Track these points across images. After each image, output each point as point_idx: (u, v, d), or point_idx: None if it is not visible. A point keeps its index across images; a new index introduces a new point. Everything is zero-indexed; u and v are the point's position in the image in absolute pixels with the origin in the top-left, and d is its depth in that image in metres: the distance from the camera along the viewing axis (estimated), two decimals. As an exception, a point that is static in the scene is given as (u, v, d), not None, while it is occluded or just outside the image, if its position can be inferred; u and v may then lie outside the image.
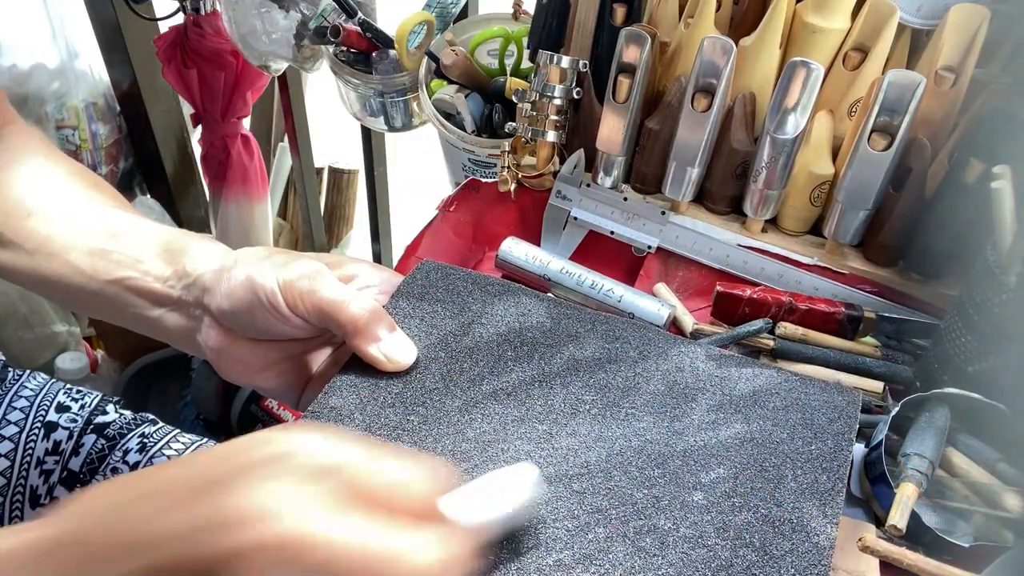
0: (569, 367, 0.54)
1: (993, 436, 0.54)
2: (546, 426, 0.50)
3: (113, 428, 0.65)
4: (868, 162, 0.61)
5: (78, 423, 0.64)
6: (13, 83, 1.27)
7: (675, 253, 0.72)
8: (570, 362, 0.54)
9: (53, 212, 0.53)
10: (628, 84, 0.67)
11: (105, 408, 0.67)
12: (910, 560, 0.45)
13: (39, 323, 1.33)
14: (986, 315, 0.54)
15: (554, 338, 0.56)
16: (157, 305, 0.52)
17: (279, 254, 0.50)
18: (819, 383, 0.53)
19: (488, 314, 0.57)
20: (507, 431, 0.49)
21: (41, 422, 0.63)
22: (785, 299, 0.63)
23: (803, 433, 0.49)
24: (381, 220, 1.49)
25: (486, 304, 0.58)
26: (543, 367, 0.54)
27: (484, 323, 0.56)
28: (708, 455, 0.48)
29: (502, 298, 0.58)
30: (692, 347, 0.56)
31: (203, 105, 1.32)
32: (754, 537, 0.43)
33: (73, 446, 0.63)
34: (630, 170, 0.74)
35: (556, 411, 0.50)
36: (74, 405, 0.66)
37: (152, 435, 0.66)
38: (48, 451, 0.63)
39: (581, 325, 0.57)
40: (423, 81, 0.92)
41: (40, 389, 0.66)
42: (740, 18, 0.70)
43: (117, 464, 0.63)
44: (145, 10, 1.27)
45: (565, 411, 0.51)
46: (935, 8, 0.62)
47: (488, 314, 0.57)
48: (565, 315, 0.58)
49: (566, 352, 0.54)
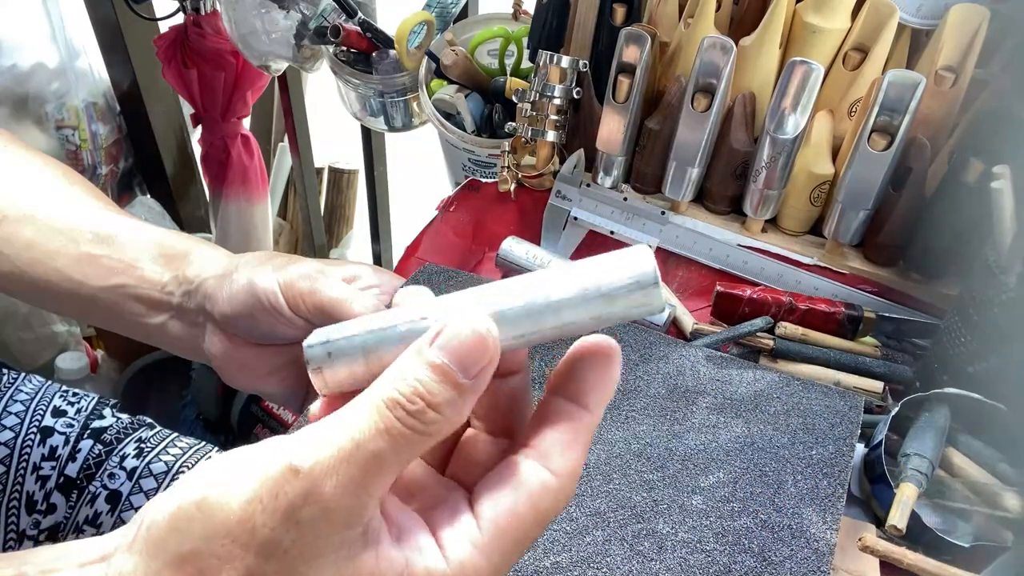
0: None
1: (993, 436, 0.54)
2: None
3: (110, 433, 0.65)
4: (868, 162, 0.61)
5: (75, 428, 0.64)
6: (13, 83, 1.27)
7: (675, 253, 0.72)
8: None
9: (33, 215, 0.51)
10: (628, 84, 0.67)
11: (102, 412, 0.66)
12: (910, 560, 0.45)
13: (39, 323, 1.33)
14: (986, 315, 0.53)
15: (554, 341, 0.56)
16: (156, 311, 0.52)
17: (280, 257, 0.50)
18: (821, 388, 0.53)
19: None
20: None
21: (37, 427, 0.63)
22: (785, 299, 0.63)
23: (804, 438, 0.49)
24: (381, 220, 1.49)
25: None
26: (543, 369, 0.54)
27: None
28: (708, 459, 0.48)
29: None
30: (693, 350, 0.56)
31: (203, 105, 1.32)
32: (753, 542, 0.43)
33: (70, 452, 0.63)
34: (630, 170, 0.74)
35: None
36: (70, 409, 0.65)
37: (149, 440, 0.65)
38: (44, 456, 0.62)
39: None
40: (423, 81, 0.92)
41: (36, 393, 0.65)
42: (740, 18, 0.70)
43: (114, 470, 0.63)
44: (145, 10, 1.27)
45: None
46: (935, 8, 0.62)
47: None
48: None
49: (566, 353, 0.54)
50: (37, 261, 0.50)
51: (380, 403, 0.25)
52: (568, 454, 0.27)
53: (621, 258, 0.27)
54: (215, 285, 0.49)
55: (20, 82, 1.28)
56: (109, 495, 0.62)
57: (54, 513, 0.62)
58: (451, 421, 0.26)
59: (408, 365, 0.26)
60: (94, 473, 0.63)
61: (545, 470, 0.27)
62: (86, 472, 0.63)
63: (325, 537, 0.25)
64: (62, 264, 0.50)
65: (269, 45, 1.03)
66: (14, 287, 0.52)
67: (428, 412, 0.25)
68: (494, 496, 0.27)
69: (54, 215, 0.52)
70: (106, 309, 0.51)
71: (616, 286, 0.27)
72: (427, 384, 0.25)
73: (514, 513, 0.26)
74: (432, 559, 0.26)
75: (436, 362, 0.25)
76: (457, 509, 0.27)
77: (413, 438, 0.25)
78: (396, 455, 0.25)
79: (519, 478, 0.27)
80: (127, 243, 0.52)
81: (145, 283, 0.51)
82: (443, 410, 0.25)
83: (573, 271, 0.27)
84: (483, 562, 0.26)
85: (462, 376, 0.25)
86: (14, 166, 0.54)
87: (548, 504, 0.27)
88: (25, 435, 0.62)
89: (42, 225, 0.51)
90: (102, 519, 0.61)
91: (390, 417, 0.25)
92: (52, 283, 0.51)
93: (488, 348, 0.26)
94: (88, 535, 0.61)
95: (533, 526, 0.27)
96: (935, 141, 0.62)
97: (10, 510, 0.61)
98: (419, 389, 0.25)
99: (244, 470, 0.25)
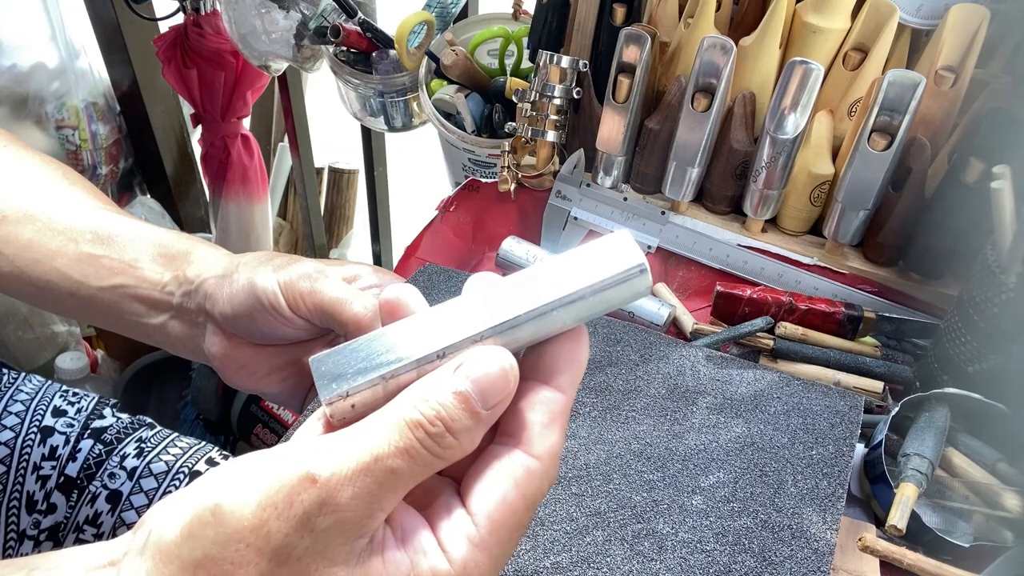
0: None
1: (993, 436, 0.54)
2: None
3: (110, 433, 0.65)
4: (868, 162, 0.61)
5: (75, 427, 0.64)
6: (13, 83, 1.27)
7: (675, 253, 0.72)
8: None
9: (32, 215, 0.51)
10: (628, 84, 0.67)
11: (102, 412, 0.66)
12: (910, 560, 0.45)
13: (39, 323, 1.33)
14: (986, 315, 0.53)
15: None
16: (156, 312, 0.51)
17: (280, 257, 0.50)
18: (821, 388, 0.53)
19: None
20: None
21: (37, 427, 0.63)
22: (785, 299, 0.63)
23: (804, 438, 0.49)
24: (381, 220, 1.49)
25: None
26: None
27: None
28: (708, 459, 0.48)
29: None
30: (693, 350, 0.56)
31: (203, 105, 1.32)
32: (753, 542, 0.43)
33: (70, 452, 0.63)
34: (630, 170, 0.74)
35: None
36: (70, 409, 0.65)
37: (150, 439, 0.65)
38: (45, 456, 0.62)
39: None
40: (423, 81, 0.92)
41: (36, 393, 0.65)
42: (740, 18, 0.70)
43: (115, 470, 0.63)
44: (145, 10, 1.27)
45: None
46: (935, 8, 0.62)
47: None
48: None
49: None
50: (36, 261, 0.50)
51: (402, 422, 0.26)
52: (547, 436, 0.28)
53: (609, 251, 0.28)
54: (215, 285, 0.49)
55: (20, 82, 1.28)
56: (109, 495, 0.62)
57: (54, 513, 0.62)
58: (463, 448, 0.27)
59: (432, 390, 0.27)
60: (94, 473, 0.63)
61: (527, 456, 0.28)
62: (86, 472, 0.63)
63: (336, 546, 0.25)
64: (61, 264, 0.50)
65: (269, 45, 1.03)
66: (14, 287, 0.52)
67: (447, 436, 0.26)
68: (483, 488, 0.28)
69: (54, 215, 0.52)
70: (106, 309, 0.51)
71: (610, 283, 0.28)
72: (450, 410, 0.27)
73: (504, 503, 0.27)
74: (436, 559, 0.27)
75: (461, 390, 0.27)
76: (451, 505, 0.28)
77: (428, 459, 0.26)
78: (411, 473, 0.26)
79: (504, 467, 0.28)
80: (127, 243, 0.52)
81: (145, 283, 0.51)
82: (460, 436, 0.27)
83: (566, 272, 0.29)
84: (483, 557, 0.27)
85: (481, 406, 0.27)
86: (14, 166, 0.54)
87: (534, 489, 0.28)
88: (25, 435, 0.62)
89: (42, 225, 0.51)
90: (102, 519, 0.61)
91: (410, 437, 0.26)
92: (52, 283, 0.50)
93: (509, 383, 0.27)
94: (88, 535, 0.61)
95: (524, 512, 0.28)
96: (935, 141, 0.62)
97: (10, 510, 0.61)
98: (442, 413, 0.26)
99: (258, 476, 0.26)
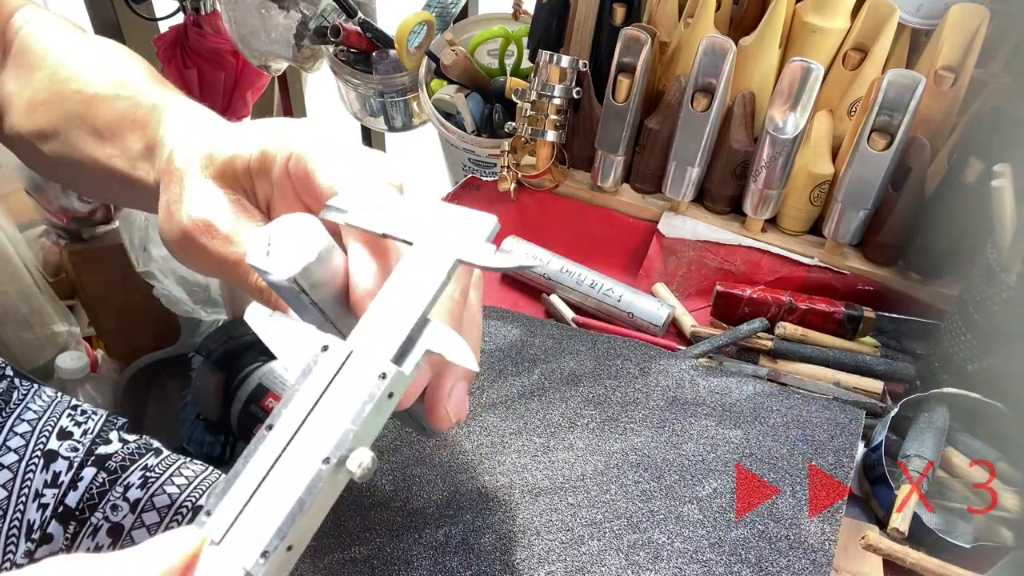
0: (569, 382, 0.53)
1: (993, 436, 0.54)
2: (543, 439, 0.50)
3: (115, 460, 0.63)
4: (868, 162, 0.61)
5: (79, 452, 0.62)
6: (13, 83, 1.27)
7: (675, 253, 0.72)
8: (570, 377, 0.54)
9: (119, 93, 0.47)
10: (628, 84, 0.67)
11: (108, 436, 0.65)
12: (913, 559, 0.45)
13: (39, 323, 1.33)
14: (986, 314, 0.53)
15: (555, 354, 0.55)
16: None
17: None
18: (821, 401, 0.53)
19: (490, 330, 0.57)
20: (504, 443, 0.49)
21: (41, 451, 0.61)
22: (785, 299, 0.63)
23: (803, 449, 0.49)
24: (381, 220, 1.49)
25: (488, 320, 0.58)
26: (543, 382, 0.53)
27: (485, 338, 0.55)
28: (705, 469, 0.48)
29: (504, 319, 0.58)
30: (692, 362, 0.56)
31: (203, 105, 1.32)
32: (750, 552, 0.43)
33: (72, 479, 0.61)
34: (630, 170, 0.74)
35: (554, 425, 0.50)
36: (76, 431, 0.63)
37: (155, 468, 0.64)
38: (47, 483, 0.60)
39: (582, 343, 0.57)
40: (423, 81, 0.92)
41: (44, 411, 0.64)
42: (740, 18, 0.70)
43: (118, 501, 0.61)
44: (145, 10, 1.27)
45: (563, 425, 0.51)
46: (935, 8, 0.62)
47: (490, 330, 0.57)
48: (567, 334, 0.58)
49: (567, 368, 0.54)
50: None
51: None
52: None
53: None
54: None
55: (20, 82, 1.27)
56: (111, 528, 0.60)
57: (49, 543, 0.60)
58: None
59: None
60: (97, 504, 0.61)
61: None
62: (89, 502, 0.61)
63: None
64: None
65: (269, 45, 1.03)
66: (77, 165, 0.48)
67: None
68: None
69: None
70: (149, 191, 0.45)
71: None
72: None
73: None
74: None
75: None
76: None
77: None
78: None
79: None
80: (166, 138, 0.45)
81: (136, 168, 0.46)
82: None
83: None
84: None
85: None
86: (115, 50, 0.52)
87: None
88: (29, 458, 0.61)
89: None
90: (104, 552, 0.60)
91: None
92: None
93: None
94: None
95: None
96: (935, 141, 0.62)
97: (9, 538, 0.58)
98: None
99: None
